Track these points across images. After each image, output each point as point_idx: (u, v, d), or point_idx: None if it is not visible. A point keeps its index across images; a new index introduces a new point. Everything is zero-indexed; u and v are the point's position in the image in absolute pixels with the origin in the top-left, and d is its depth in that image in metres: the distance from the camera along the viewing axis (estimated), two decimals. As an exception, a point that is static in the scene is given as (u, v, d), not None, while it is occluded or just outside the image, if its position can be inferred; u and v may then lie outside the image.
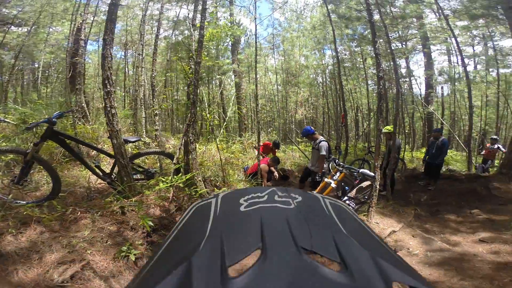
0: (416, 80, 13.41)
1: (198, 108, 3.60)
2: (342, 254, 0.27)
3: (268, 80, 16.47)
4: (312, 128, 4.95)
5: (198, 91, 3.42)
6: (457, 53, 10.05)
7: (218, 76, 11.61)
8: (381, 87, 4.14)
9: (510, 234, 3.68)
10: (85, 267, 1.97)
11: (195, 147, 3.33)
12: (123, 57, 13.64)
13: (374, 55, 5.70)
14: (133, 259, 2.15)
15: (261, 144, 7.57)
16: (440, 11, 9.21)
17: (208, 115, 4.32)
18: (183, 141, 3.52)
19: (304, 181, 5.32)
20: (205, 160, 4.91)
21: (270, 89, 16.59)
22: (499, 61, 11.52)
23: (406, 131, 12.85)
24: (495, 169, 8.14)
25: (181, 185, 3.23)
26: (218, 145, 6.89)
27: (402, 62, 12.60)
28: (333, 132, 14.13)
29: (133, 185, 3.20)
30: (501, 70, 12.05)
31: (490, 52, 12.06)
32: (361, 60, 11.79)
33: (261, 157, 6.92)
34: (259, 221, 0.32)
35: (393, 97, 10.55)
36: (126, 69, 13.45)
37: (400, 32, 11.50)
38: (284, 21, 16.54)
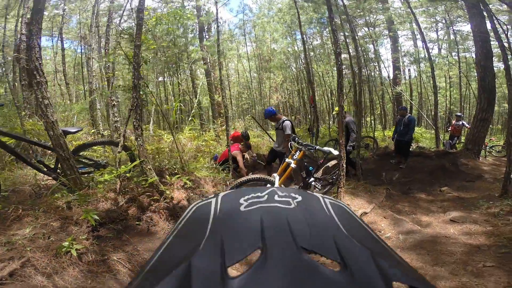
0: (384, 63, 13.49)
1: (142, 93, 3.16)
2: (342, 254, 0.26)
3: (242, 67, 15.92)
4: (274, 108, 4.63)
5: (140, 74, 2.98)
6: (420, 37, 10.02)
7: (186, 65, 10.87)
8: (339, 63, 3.85)
9: (479, 213, 3.58)
10: (25, 264, 1.88)
11: (141, 133, 2.91)
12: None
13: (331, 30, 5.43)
14: (75, 254, 2.02)
15: (231, 134, 7.18)
16: None
17: (165, 105, 3.89)
18: (125, 128, 3.07)
19: (271, 163, 5.04)
20: (163, 148, 4.43)
21: (245, 76, 16.08)
22: (460, 45, 11.81)
23: (377, 112, 12.95)
24: (462, 145, 8.34)
25: (128, 175, 2.93)
26: (175, 133, 6.47)
27: (371, 47, 12.61)
28: (309, 116, 13.99)
29: (78, 178, 2.93)
30: (462, 54, 12.44)
31: (452, 37, 12.35)
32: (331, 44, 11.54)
33: (231, 144, 6.56)
34: (259, 221, 0.32)
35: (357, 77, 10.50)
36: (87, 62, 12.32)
37: (366, 18, 11.41)
38: (255, 7, 15.89)
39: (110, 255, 2.17)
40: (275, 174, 3.20)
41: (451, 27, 12.16)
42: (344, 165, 3.92)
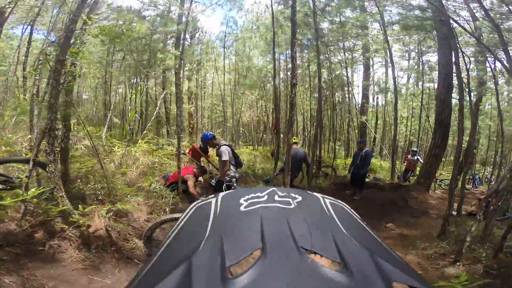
0: (353, 91, 14.00)
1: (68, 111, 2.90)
2: (342, 254, 0.27)
3: (218, 80, 15.80)
4: (211, 133, 4.39)
5: (60, 92, 2.72)
6: (391, 66, 10.51)
7: (156, 71, 10.56)
8: (293, 95, 3.83)
9: (414, 254, 3.67)
10: None
11: (53, 159, 2.63)
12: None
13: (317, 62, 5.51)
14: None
15: (190, 148, 6.91)
16: (380, 21, 9.51)
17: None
18: (37, 149, 2.77)
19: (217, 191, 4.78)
20: (90, 169, 4.10)
21: (220, 89, 15.94)
22: (425, 75, 12.56)
23: (343, 138, 13.31)
24: (415, 178, 8.70)
25: (34, 201, 2.70)
26: (129, 145, 6.09)
27: (344, 72, 13.07)
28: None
29: None
30: (427, 84, 13.19)
31: (423, 67, 13.08)
32: (306, 68, 11.81)
33: (183, 165, 6.30)
34: (259, 221, 0.32)
35: (332, 106, 10.75)
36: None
37: (344, 43, 11.83)
38: (241, 20, 15.99)
39: (2, 278, 2.05)
40: None
41: (421, 57, 12.89)
42: None
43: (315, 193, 0.45)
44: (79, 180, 3.70)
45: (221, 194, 0.43)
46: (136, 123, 10.27)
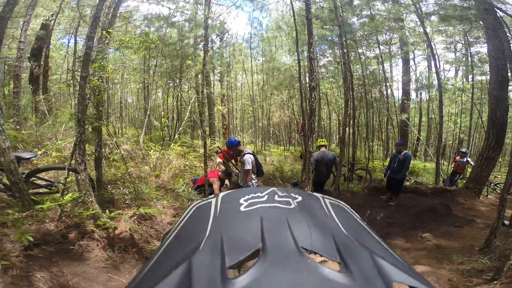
0: (392, 87, 13.14)
1: (90, 125, 3.16)
2: (342, 254, 0.27)
3: (247, 81, 16.00)
4: (237, 138, 4.38)
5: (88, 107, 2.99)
6: (433, 60, 9.66)
7: (187, 77, 11.02)
8: (312, 99, 3.69)
9: (448, 269, 3.34)
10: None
11: (85, 168, 2.90)
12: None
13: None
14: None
15: (220, 153, 7.09)
16: (417, 12, 8.82)
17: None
18: (71, 159, 3.06)
19: None
20: (121, 175, 4.40)
21: (248, 91, 16.13)
22: (475, 68, 11.33)
23: (382, 138, 12.56)
24: (464, 182, 7.92)
25: (68, 205, 3.00)
26: (164, 148, 6.40)
27: (384, 67, 12.32)
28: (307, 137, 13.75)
29: (26, 200, 2.93)
30: (479, 78, 11.86)
31: (470, 59, 11.84)
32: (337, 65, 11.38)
33: (210, 169, 6.46)
34: (259, 221, 0.32)
35: (367, 104, 10.23)
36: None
37: (379, 37, 11.18)
38: (265, 21, 16.06)
39: (34, 273, 2.28)
40: None
41: (469, 49, 11.67)
42: None
43: (315, 193, 0.45)
44: (109, 186, 4.02)
45: (221, 194, 0.44)
46: (170, 127, 10.80)
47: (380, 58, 10.84)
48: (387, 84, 12.11)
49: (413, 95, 14.26)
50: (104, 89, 3.87)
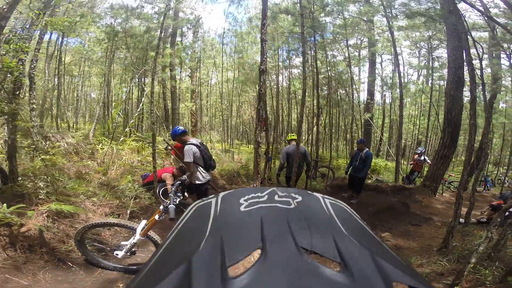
0: (360, 87, 13.20)
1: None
2: (342, 254, 0.26)
3: (217, 77, 15.33)
4: (181, 128, 3.75)
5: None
6: (394, 61, 9.71)
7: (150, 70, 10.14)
8: (261, 83, 3.24)
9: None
10: None
11: None
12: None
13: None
14: None
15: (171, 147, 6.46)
16: (386, 12, 8.77)
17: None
18: None
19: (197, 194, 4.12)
20: (37, 167, 3.65)
21: (221, 87, 15.46)
22: (435, 71, 11.65)
23: (348, 137, 12.54)
24: (421, 180, 7.93)
25: None
26: (115, 144, 5.62)
27: (352, 70, 12.33)
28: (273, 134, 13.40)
29: None
30: (437, 81, 12.22)
31: (433, 63, 12.17)
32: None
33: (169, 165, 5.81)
34: (259, 221, 0.32)
35: (337, 102, 10.06)
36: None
37: (348, 39, 11.11)
38: (241, 17, 15.43)
39: None
40: (143, 221, 2.47)
41: (431, 53, 12.01)
42: None
43: (315, 193, 0.43)
44: (19, 178, 3.28)
45: (221, 194, 0.41)
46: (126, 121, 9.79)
47: (347, 57, 10.71)
48: (354, 86, 12.12)
49: (377, 96, 14.49)
50: (20, 72, 3.16)
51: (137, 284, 0.28)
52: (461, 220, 4.54)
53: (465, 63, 6.07)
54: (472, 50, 5.97)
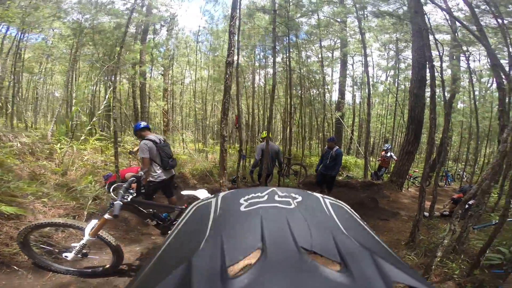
0: (332, 87, 13.41)
1: None
2: (342, 254, 0.26)
3: (191, 76, 14.84)
4: (144, 123, 3.49)
5: None
6: (363, 61, 9.92)
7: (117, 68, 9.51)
8: (227, 76, 3.06)
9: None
10: None
11: None
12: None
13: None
14: None
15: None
16: (357, 13, 8.92)
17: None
18: None
19: (151, 197, 3.68)
20: None
21: (195, 85, 15.00)
22: (402, 72, 12.11)
23: (320, 136, 12.69)
24: (389, 175, 8.15)
25: None
26: (74, 143, 5.13)
27: (324, 70, 12.50)
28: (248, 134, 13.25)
29: None
30: (402, 82, 12.74)
31: (399, 65, 12.65)
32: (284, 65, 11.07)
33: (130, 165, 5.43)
34: (259, 221, 0.31)
35: (309, 101, 10.08)
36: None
37: (319, 38, 11.20)
38: (217, 14, 15.00)
39: None
40: (93, 220, 2.19)
41: (398, 55, 12.45)
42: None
43: (315, 193, 0.42)
44: None
45: (221, 194, 0.41)
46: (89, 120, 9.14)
47: (320, 58, 10.80)
48: (327, 86, 12.27)
49: (348, 96, 14.84)
50: None
51: (137, 284, 0.27)
52: (426, 213, 4.64)
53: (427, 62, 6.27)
54: (435, 53, 6.22)
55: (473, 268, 2.34)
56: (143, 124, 3.49)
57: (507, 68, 4.09)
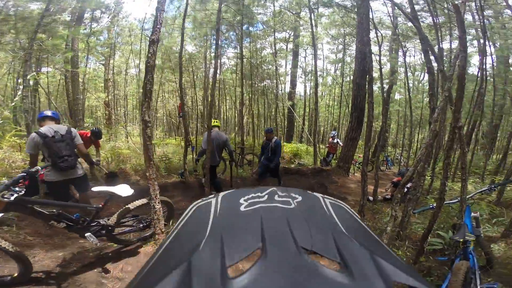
0: (281, 79, 13.37)
1: None
2: (342, 254, 0.26)
3: (134, 64, 13.47)
4: (47, 113, 2.86)
5: None
6: (313, 51, 9.96)
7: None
8: (150, 55, 2.58)
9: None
10: None
11: None
12: None
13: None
14: None
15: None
16: (309, 4, 8.79)
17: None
18: None
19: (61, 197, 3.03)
20: None
21: (138, 77, 13.66)
22: (347, 66, 12.53)
23: (275, 125, 12.62)
24: (336, 161, 8.33)
25: None
26: None
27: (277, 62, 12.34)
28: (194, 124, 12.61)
29: None
30: (350, 75, 13.23)
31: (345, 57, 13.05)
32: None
33: None
34: (259, 221, 0.31)
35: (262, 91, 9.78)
36: None
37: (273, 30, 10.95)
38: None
39: None
40: None
41: (345, 49, 12.84)
42: (157, 206, 2.60)
43: (315, 193, 0.42)
44: None
45: (221, 194, 0.40)
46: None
47: (274, 48, 10.54)
48: (280, 78, 12.13)
49: (301, 88, 15.00)
50: None
51: (137, 284, 0.27)
52: (370, 198, 4.69)
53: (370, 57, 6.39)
54: (376, 48, 6.34)
55: (419, 255, 2.27)
56: (46, 113, 2.79)
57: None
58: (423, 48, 3.79)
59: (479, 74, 6.66)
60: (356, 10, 6.22)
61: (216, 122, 5.28)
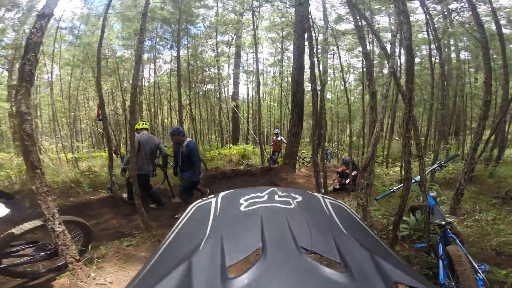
0: (227, 81, 12.87)
1: None
2: (342, 254, 0.25)
3: (56, 70, 11.16)
4: None
5: None
6: (254, 50, 9.71)
7: None
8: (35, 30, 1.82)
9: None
10: None
11: None
12: None
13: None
14: None
15: None
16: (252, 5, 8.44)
17: None
18: None
19: None
20: None
21: (61, 80, 11.35)
22: (287, 68, 12.68)
23: (219, 129, 11.96)
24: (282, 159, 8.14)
25: None
26: None
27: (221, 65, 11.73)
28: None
29: None
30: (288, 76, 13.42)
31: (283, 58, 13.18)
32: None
33: None
34: (259, 221, 0.30)
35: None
36: None
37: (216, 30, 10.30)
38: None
39: None
40: None
41: (284, 51, 12.91)
42: (58, 228, 1.77)
43: (315, 193, 0.40)
44: None
45: (221, 194, 0.39)
46: None
47: (216, 49, 9.89)
48: (224, 82, 11.54)
49: (243, 90, 14.70)
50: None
51: (137, 284, 0.26)
52: (322, 190, 4.45)
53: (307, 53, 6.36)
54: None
55: (393, 245, 2.01)
56: None
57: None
58: (359, 35, 3.70)
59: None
60: (294, 5, 6.13)
61: (145, 124, 4.37)
